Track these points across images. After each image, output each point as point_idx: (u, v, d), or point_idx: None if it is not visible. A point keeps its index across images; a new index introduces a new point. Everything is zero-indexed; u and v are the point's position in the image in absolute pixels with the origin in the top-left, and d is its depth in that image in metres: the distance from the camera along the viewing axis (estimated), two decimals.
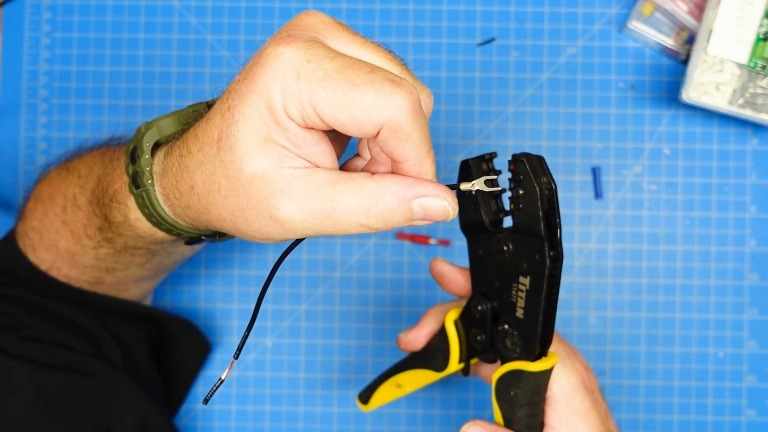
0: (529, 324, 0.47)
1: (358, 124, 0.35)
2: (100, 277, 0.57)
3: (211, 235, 0.48)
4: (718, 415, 0.72)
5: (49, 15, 0.74)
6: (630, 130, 0.73)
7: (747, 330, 0.72)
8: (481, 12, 0.73)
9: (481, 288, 0.50)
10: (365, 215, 0.37)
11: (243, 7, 0.74)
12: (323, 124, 0.36)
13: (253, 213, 0.38)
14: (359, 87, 0.35)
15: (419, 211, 0.37)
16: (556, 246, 0.44)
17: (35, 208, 0.57)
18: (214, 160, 0.38)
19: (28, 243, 0.57)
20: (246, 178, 0.37)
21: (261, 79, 0.36)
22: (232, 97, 0.37)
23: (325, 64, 0.35)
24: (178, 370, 0.70)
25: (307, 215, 0.37)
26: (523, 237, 0.45)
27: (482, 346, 0.51)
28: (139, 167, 0.44)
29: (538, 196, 0.43)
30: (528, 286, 0.46)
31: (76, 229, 0.53)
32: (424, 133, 0.37)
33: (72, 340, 0.58)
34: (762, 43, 0.67)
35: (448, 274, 0.54)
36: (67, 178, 0.55)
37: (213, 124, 0.38)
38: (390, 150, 0.37)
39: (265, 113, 0.36)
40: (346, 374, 0.73)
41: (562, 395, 0.49)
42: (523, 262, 0.46)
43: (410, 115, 0.35)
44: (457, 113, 0.73)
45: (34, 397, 0.55)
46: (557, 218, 0.44)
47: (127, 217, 0.48)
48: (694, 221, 0.72)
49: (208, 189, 0.39)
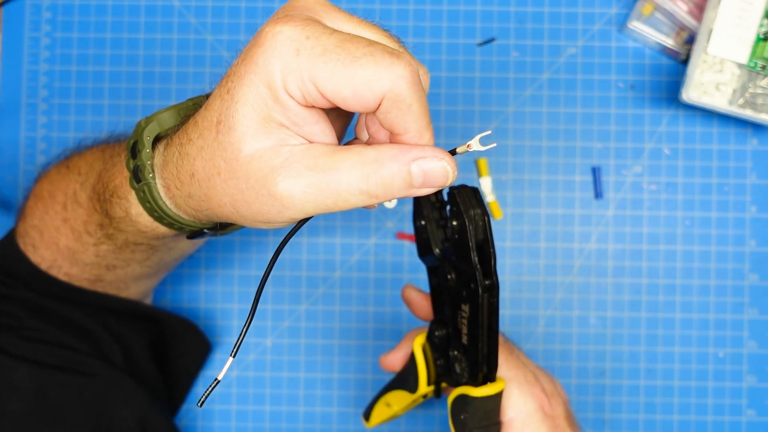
0: (472, 350, 0.48)
1: (359, 96, 0.35)
2: (101, 274, 0.57)
3: (213, 228, 0.48)
4: (718, 415, 0.72)
5: (49, 15, 0.74)
6: (630, 130, 0.73)
7: (747, 330, 0.72)
8: (481, 12, 0.73)
9: (439, 314, 0.52)
10: (365, 182, 0.37)
11: (243, 7, 0.74)
12: (324, 100, 0.36)
13: (252, 193, 0.38)
14: (359, 59, 0.35)
15: (419, 175, 0.37)
16: (491, 275, 0.45)
17: (35, 206, 0.57)
18: (213, 144, 0.38)
19: (28, 242, 0.57)
20: (244, 158, 0.37)
21: (260, 58, 0.36)
22: (231, 80, 0.37)
23: (324, 39, 0.35)
24: (179, 369, 0.70)
25: (307, 188, 0.37)
26: (461, 266, 0.47)
27: (442, 370, 0.52)
28: (140, 161, 0.44)
29: (467, 228, 0.45)
30: (468, 314, 0.47)
31: (76, 226, 0.53)
32: (424, 104, 0.37)
33: (72, 340, 0.58)
34: (762, 43, 0.67)
35: (414, 300, 0.57)
36: (67, 176, 0.55)
37: (212, 109, 0.38)
38: (390, 122, 0.37)
39: (264, 92, 0.36)
40: (346, 374, 0.73)
41: (517, 421, 0.50)
42: (463, 290, 0.47)
43: (411, 86, 0.35)
44: (457, 113, 0.73)
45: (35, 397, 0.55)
46: (491, 248, 0.45)
47: (129, 213, 0.47)
48: (694, 221, 0.72)
49: (208, 174, 0.39)
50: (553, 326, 0.72)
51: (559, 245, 0.72)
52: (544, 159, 0.73)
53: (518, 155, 0.73)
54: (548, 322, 0.72)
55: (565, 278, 0.72)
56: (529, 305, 0.73)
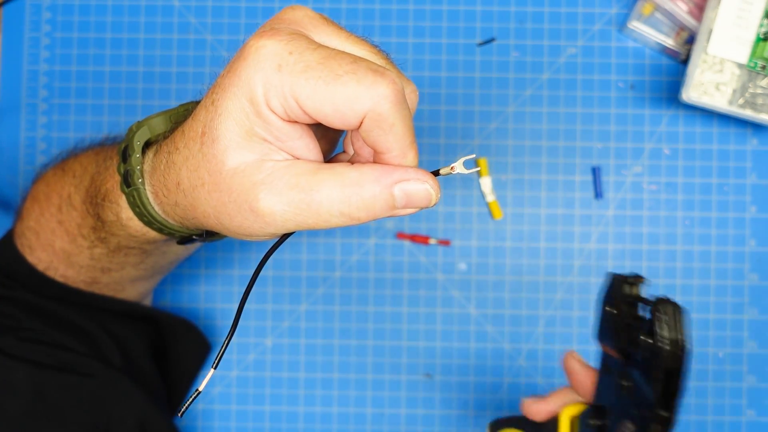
0: None
1: (340, 114, 0.35)
2: (96, 277, 0.57)
3: (201, 235, 0.48)
4: (718, 415, 0.72)
5: (49, 15, 0.74)
6: (630, 130, 0.73)
7: (747, 330, 0.72)
8: (481, 12, 0.73)
9: (601, 401, 0.48)
10: (346, 204, 0.36)
11: (243, 7, 0.74)
12: (306, 116, 0.36)
13: (235, 207, 0.37)
14: (341, 77, 0.34)
15: (401, 197, 0.37)
16: (671, 409, 0.40)
17: (32, 208, 0.57)
18: (197, 155, 0.38)
19: (25, 243, 0.57)
20: (227, 171, 0.37)
21: (243, 72, 0.35)
22: (216, 91, 0.37)
23: (307, 55, 0.35)
24: (178, 370, 0.70)
25: (287, 206, 0.36)
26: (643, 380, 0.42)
27: None
28: (130, 166, 0.44)
29: (662, 357, 0.39)
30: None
31: (71, 228, 0.53)
32: (408, 124, 0.36)
33: (71, 340, 0.58)
34: (762, 43, 0.67)
35: (578, 375, 0.52)
36: (62, 178, 0.55)
37: (198, 119, 0.38)
38: (373, 141, 0.36)
39: (247, 106, 0.36)
40: (346, 374, 0.73)
41: None
42: (633, 407, 0.43)
43: (393, 105, 0.35)
44: (457, 113, 0.73)
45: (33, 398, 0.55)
46: (679, 381, 0.40)
47: (119, 216, 0.47)
48: (694, 221, 0.72)
49: (193, 184, 0.39)
50: (553, 326, 0.72)
51: (559, 245, 0.72)
52: (544, 159, 0.73)
53: (518, 155, 0.73)
54: (548, 322, 0.72)
55: (565, 278, 0.72)
56: (529, 305, 0.73)
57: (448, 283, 0.73)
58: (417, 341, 0.73)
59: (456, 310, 0.73)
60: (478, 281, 0.73)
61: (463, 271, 0.73)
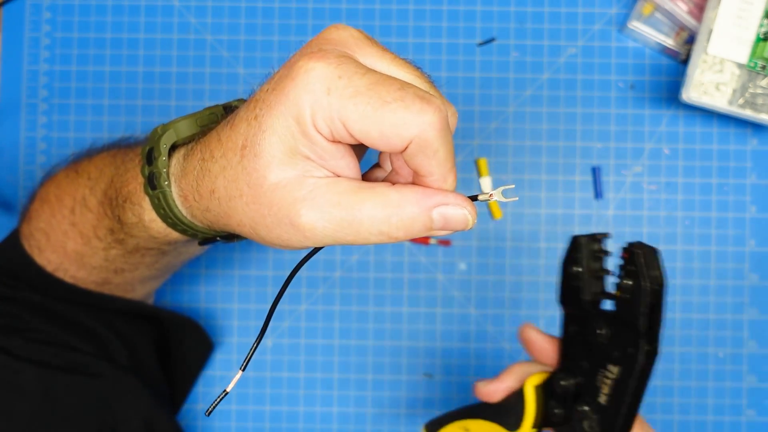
0: (611, 413, 0.46)
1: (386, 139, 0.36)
2: (108, 277, 0.57)
3: (227, 236, 0.48)
4: (718, 415, 0.72)
5: (49, 15, 0.74)
6: (630, 130, 0.73)
7: (747, 330, 0.72)
8: (481, 12, 0.73)
9: (568, 363, 0.50)
10: (386, 224, 0.37)
11: (243, 7, 0.74)
12: (351, 138, 0.36)
13: (275, 220, 0.38)
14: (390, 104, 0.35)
15: (439, 220, 0.38)
16: (654, 341, 0.44)
17: (41, 209, 0.57)
18: (237, 167, 0.38)
19: (34, 244, 0.57)
20: (269, 186, 0.37)
21: (292, 91, 0.36)
22: (259, 107, 0.38)
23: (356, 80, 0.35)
24: (181, 369, 0.70)
25: (329, 223, 0.37)
26: (621, 326, 0.45)
27: (558, 419, 0.50)
28: (156, 168, 0.44)
29: (647, 292, 0.43)
30: (616, 376, 0.46)
31: (85, 230, 0.53)
32: (450, 149, 0.37)
33: (78, 341, 0.58)
34: (762, 43, 0.67)
35: (537, 342, 0.54)
36: (76, 180, 0.55)
37: (238, 132, 0.39)
38: (416, 165, 0.37)
39: (293, 125, 0.36)
40: (346, 374, 0.73)
41: None
42: (615, 350, 0.46)
43: (438, 132, 0.36)
44: (457, 113, 0.73)
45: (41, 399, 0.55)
46: (660, 315, 0.44)
47: (142, 218, 0.48)
48: (694, 221, 0.72)
49: (230, 195, 0.39)
50: (554, 326, 0.72)
51: (559, 245, 0.72)
52: (544, 159, 0.73)
53: (518, 155, 0.73)
54: (548, 322, 0.72)
55: None
56: (529, 305, 0.73)
57: (448, 283, 0.73)
58: (417, 341, 0.73)
59: (456, 310, 0.73)
60: (478, 281, 0.73)
61: (463, 271, 0.73)
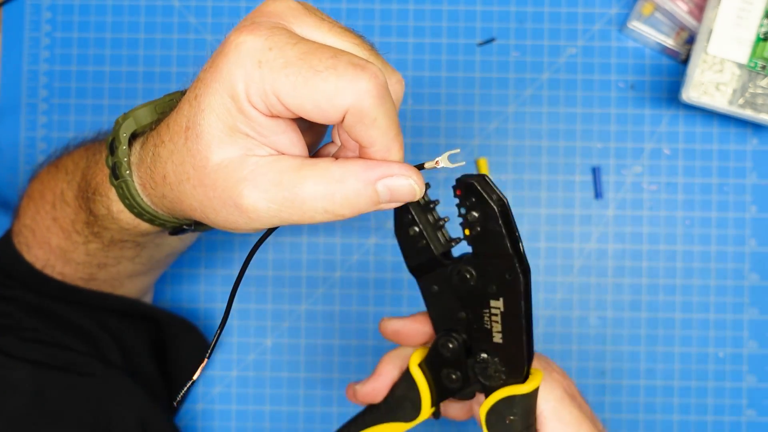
0: (512, 346, 0.45)
1: (321, 110, 0.35)
2: (93, 273, 0.57)
3: (192, 224, 0.47)
4: (718, 415, 0.72)
5: (49, 15, 0.74)
6: (630, 130, 0.73)
7: (747, 330, 0.72)
8: (481, 12, 0.73)
9: (445, 325, 0.48)
10: (330, 201, 0.36)
11: (243, 7, 0.74)
12: (288, 112, 0.35)
13: (219, 202, 0.38)
14: (321, 73, 0.34)
15: (385, 193, 0.37)
16: (523, 260, 0.43)
17: (27, 206, 0.57)
18: (182, 149, 0.38)
19: (22, 241, 0.57)
20: (212, 167, 0.37)
21: (224, 67, 0.35)
22: (198, 86, 0.37)
23: (287, 50, 0.34)
24: (178, 369, 0.70)
25: (271, 203, 0.36)
26: (486, 260, 0.44)
27: (458, 384, 0.49)
28: (117, 158, 0.44)
29: (497, 214, 0.42)
30: (503, 308, 0.45)
31: (65, 225, 0.53)
32: (391, 117, 0.36)
33: (71, 340, 0.58)
34: (762, 43, 0.67)
35: (403, 329, 0.51)
36: (56, 175, 0.55)
37: (182, 113, 0.38)
38: (356, 135, 0.36)
39: (228, 102, 0.36)
40: (346, 374, 0.73)
41: (551, 411, 0.47)
42: (491, 285, 0.45)
43: (375, 100, 0.35)
44: (457, 113, 0.73)
45: (34, 398, 0.55)
46: (516, 232, 0.43)
47: (111, 210, 0.47)
48: (694, 221, 0.72)
49: (179, 179, 0.39)
50: (553, 326, 0.72)
51: (559, 245, 0.72)
52: (544, 159, 0.73)
53: (518, 155, 0.73)
54: (548, 322, 0.72)
55: (565, 278, 0.72)
56: None
57: None
58: None
59: None
60: None
61: None
